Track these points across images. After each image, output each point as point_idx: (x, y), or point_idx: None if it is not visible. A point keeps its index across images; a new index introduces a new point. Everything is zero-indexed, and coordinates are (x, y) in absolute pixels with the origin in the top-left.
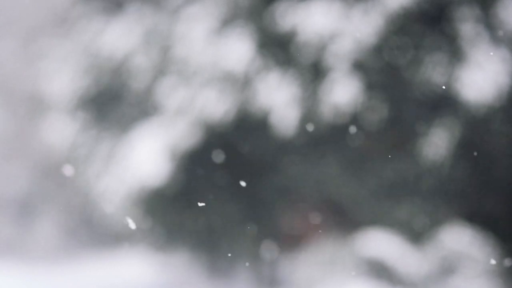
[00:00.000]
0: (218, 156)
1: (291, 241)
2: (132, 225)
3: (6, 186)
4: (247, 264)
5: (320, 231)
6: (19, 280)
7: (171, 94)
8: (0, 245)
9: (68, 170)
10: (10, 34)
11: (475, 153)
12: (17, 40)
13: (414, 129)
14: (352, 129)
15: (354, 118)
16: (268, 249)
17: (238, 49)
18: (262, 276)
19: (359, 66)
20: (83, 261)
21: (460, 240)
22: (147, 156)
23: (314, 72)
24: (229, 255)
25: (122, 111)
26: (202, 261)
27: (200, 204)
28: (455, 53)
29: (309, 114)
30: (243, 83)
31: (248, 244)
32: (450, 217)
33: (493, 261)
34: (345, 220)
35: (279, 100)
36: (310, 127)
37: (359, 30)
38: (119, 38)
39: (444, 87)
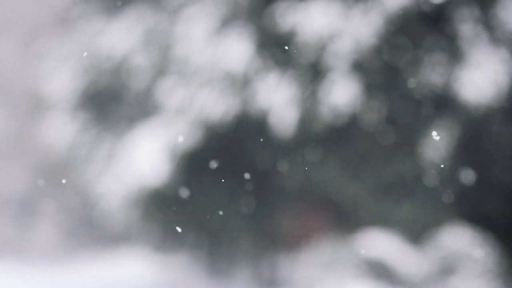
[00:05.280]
0: (218, 156)
1: (291, 241)
2: (132, 225)
3: (6, 186)
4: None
5: (320, 231)
6: (19, 280)
7: (171, 94)
8: (0, 245)
9: (68, 170)
10: (10, 34)
11: (475, 153)
12: (17, 40)
13: (414, 129)
14: (352, 130)
15: (354, 119)
16: (268, 249)
17: (238, 49)
18: (262, 276)
19: (359, 67)
20: (83, 261)
21: (460, 240)
22: (147, 156)
23: (314, 73)
24: (229, 255)
25: (122, 111)
26: (202, 261)
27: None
28: (455, 53)
29: (308, 114)
30: (242, 83)
31: (248, 244)
32: (450, 217)
33: (493, 261)
34: (345, 220)
35: (279, 100)
36: (309, 127)
37: (359, 30)
38: (119, 37)
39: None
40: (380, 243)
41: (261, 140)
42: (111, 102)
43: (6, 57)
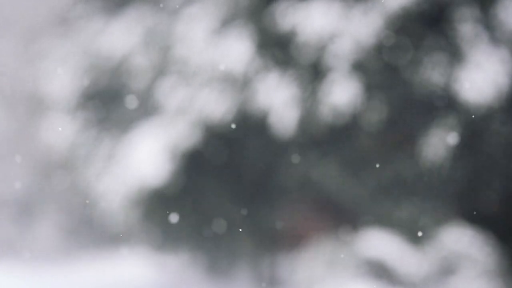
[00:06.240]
0: (218, 156)
1: (291, 241)
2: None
3: (6, 186)
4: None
5: (320, 231)
6: (19, 280)
7: (171, 94)
8: (0, 245)
9: (68, 170)
10: (10, 34)
11: (475, 153)
12: (17, 40)
13: (414, 129)
14: (352, 130)
15: (354, 119)
16: (268, 249)
17: (238, 49)
18: (262, 276)
19: (359, 67)
20: (83, 261)
21: (460, 240)
22: (147, 156)
23: (314, 73)
24: (229, 255)
25: (122, 111)
26: (202, 261)
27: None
28: (455, 53)
29: (308, 114)
30: (242, 83)
31: (248, 244)
32: (450, 217)
33: (493, 261)
34: (345, 220)
35: (279, 100)
36: (309, 127)
37: (359, 30)
38: (119, 38)
39: (442, 88)
40: (380, 243)
41: (261, 140)
42: (111, 103)
43: (6, 57)
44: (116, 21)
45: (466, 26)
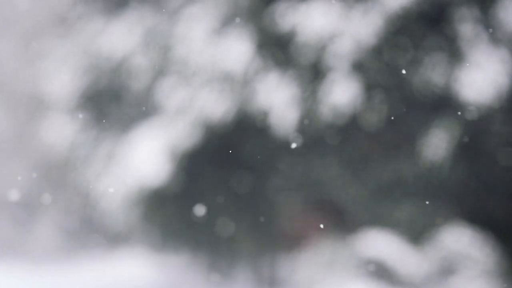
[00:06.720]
0: (218, 156)
1: (291, 241)
2: (132, 225)
3: (6, 186)
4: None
5: (320, 231)
6: (19, 280)
7: (171, 94)
8: (0, 245)
9: (68, 170)
10: (10, 34)
11: (475, 154)
12: (17, 40)
13: (414, 129)
14: (352, 130)
15: (354, 119)
16: (268, 249)
17: (238, 49)
18: (262, 276)
19: (359, 67)
20: (83, 261)
21: (460, 240)
22: (147, 156)
23: (314, 73)
24: (229, 255)
25: (122, 111)
26: (202, 261)
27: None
28: (455, 54)
29: (308, 114)
30: (242, 83)
31: (248, 244)
32: (450, 217)
33: (493, 261)
34: (345, 220)
35: (279, 100)
36: (309, 127)
37: (359, 30)
38: (119, 38)
39: (443, 88)
40: (380, 243)
41: (261, 140)
42: (111, 103)
43: (6, 57)
44: (116, 21)
45: (466, 26)
